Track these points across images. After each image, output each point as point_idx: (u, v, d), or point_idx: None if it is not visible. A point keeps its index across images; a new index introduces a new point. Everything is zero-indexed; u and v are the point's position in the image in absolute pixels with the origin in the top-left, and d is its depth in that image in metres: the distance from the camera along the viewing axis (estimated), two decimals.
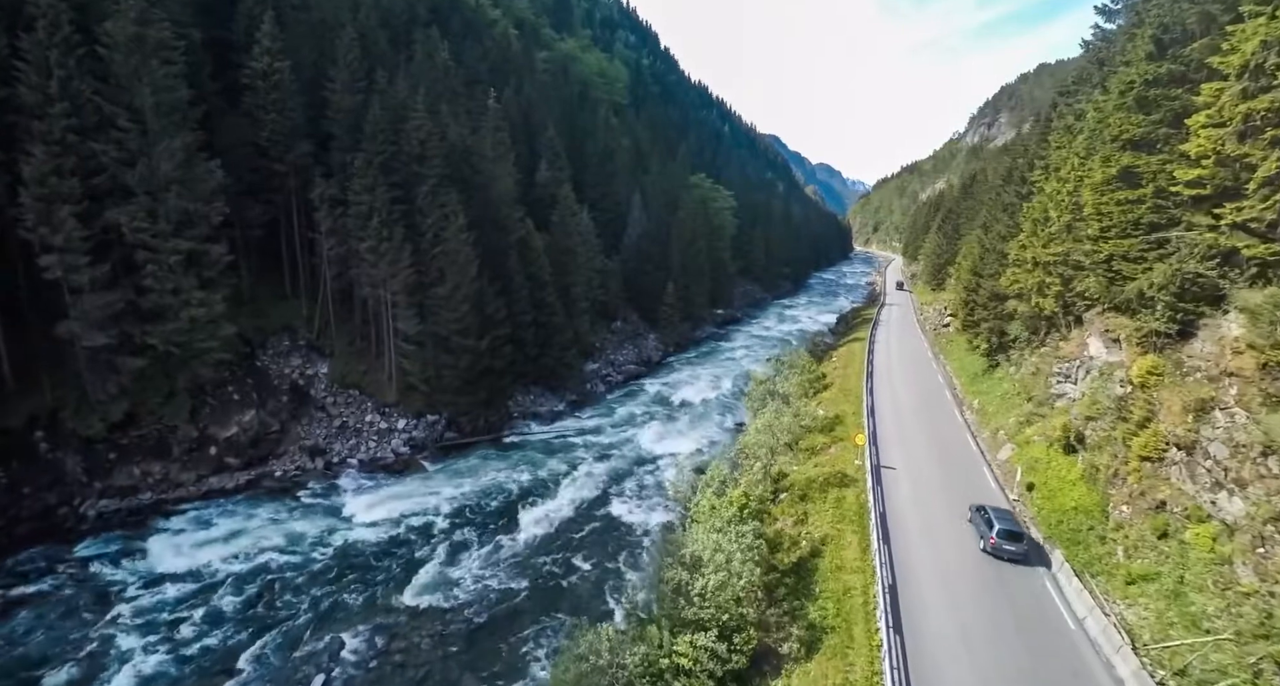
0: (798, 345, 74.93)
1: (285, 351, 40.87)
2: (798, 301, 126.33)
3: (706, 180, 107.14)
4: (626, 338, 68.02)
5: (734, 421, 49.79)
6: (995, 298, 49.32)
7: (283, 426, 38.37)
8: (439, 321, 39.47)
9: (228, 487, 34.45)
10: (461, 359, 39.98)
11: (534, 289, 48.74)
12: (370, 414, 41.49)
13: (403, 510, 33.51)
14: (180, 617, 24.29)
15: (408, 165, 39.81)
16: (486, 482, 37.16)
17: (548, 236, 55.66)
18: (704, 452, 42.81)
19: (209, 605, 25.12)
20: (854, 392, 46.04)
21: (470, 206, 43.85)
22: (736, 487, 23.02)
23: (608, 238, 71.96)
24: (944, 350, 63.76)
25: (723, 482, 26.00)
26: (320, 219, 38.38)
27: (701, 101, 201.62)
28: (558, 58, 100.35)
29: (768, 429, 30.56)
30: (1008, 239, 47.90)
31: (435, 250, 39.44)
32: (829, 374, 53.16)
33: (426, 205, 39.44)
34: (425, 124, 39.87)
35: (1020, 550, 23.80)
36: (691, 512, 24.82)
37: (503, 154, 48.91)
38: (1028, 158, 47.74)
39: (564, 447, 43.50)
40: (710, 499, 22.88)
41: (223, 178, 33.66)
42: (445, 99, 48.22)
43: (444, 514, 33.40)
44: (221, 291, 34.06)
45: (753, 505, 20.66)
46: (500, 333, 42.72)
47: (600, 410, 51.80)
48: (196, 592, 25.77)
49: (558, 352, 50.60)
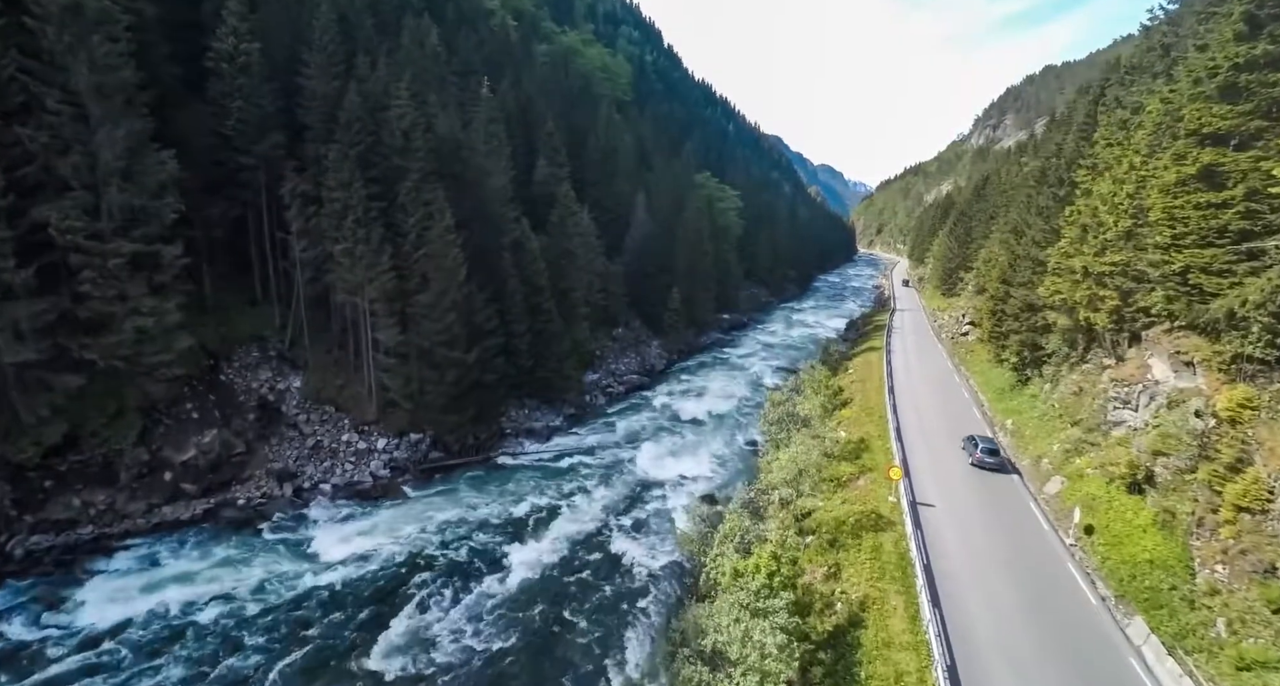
0: (811, 357, 71.33)
1: (253, 364, 37.10)
2: (804, 305, 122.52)
3: (712, 179, 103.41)
4: (628, 345, 64.28)
5: (744, 439, 46.07)
6: (1028, 308, 45.62)
7: (248, 447, 34.61)
8: (422, 332, 35.72)
9: (182, 519, 30.68)
10: (447, 373, 36.23)
11: (529, 294, 45.00)
12: (347, 433, 37.74)
13: (377, 546, 29.76)
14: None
15: (388, 158, 36.06)
16: (473, 512, 33.40)
17: (545, 237, 51.91)
18: (714, 477, 39.13)
19: (135, 671, 21.36)
20: (876, 411, 42.30)
21: (459, 205, 40.09)
22: (762, 546, 19.29)
23: (609, 239, 68.20)
24: (965, 361, 60.04)
25: (744, 536, 22.23)
26: (291, 218, 34.63)
27: (706, 100, 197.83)
28: (558, 51, 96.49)
29: (793, 465, 26.75)
30: (1043, 245, 44.20)
31: (418, 253, 35.69)
32: (846, 388, 49.42)
33: (409, 203, 35.68)
34: (408, 112, 36.11)
35: (997, 462, 32.56)
36: (707, 569, 21.14)
37: (496, 148, 45.15)
38: (1064, 157, 43.92)
39: (560, 470, 39.74)
40: (731, 559, 19.14)
41: (178, 170, 29.86)
42: (434, 88, 44.46)
43: (423, 551, 29.63)
44: (176, 298, 30.30)
45: (784, 570, 16.95)
46: (491, 343, 38.98)
47: (600, 425, 48.05)
48: (123, 657, 21.99)
49: (554, 363, 46.86)
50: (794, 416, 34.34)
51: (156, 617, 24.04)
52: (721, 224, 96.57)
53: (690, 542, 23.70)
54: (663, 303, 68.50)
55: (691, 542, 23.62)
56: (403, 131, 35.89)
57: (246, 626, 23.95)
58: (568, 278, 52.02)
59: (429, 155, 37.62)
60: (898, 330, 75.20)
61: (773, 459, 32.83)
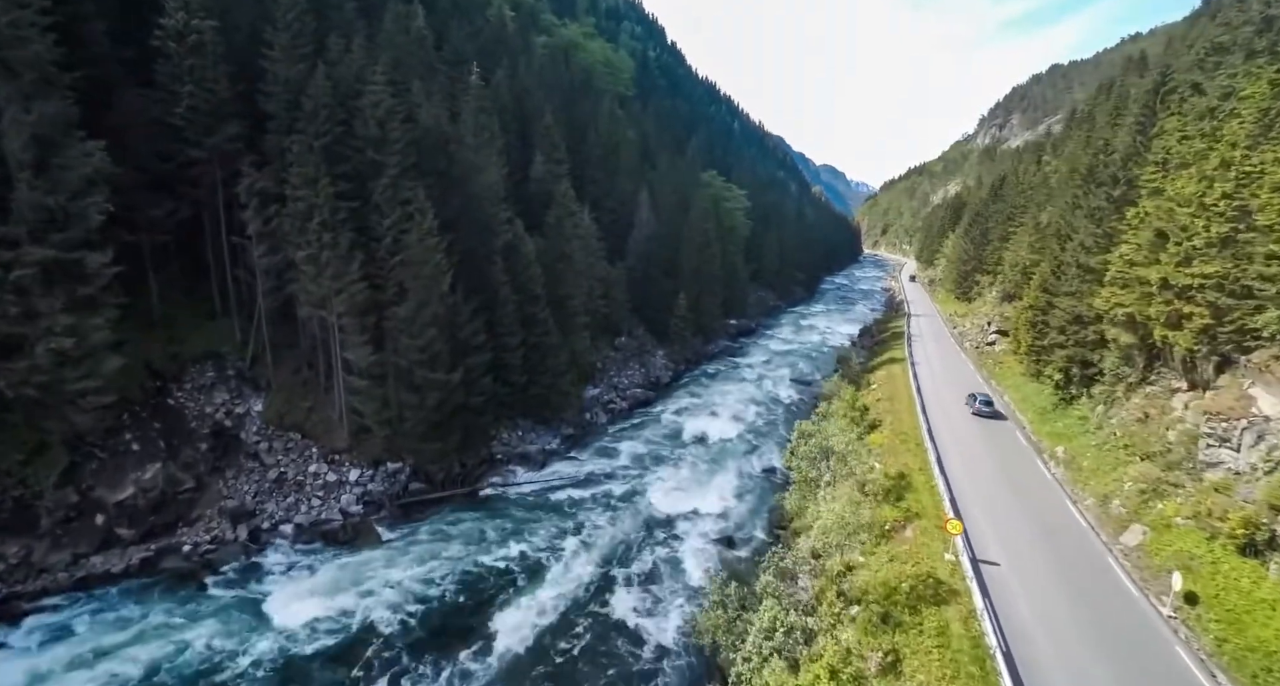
0: (825, 369, 66.81)
1: (208, 385, 32.66)
2: (813, 309, 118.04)
3: (718, 178, 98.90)
4: (632, 355, 59.82)
5: (761, 465, 41.66)
6: (1076, 320, 41.13)
7: (199, 483, 30.18)
8: (399, 349, 31.28)
9: (114, 571, 26.23)
10: (428, 396, 31.79)
11: (523, 303, 40.57)
12: (315, 463, 33.31)
13: (341, 606, 25.30)
14: None
15: (361, 152, 31.63)
16: (455, 560, 28.92)
17: (541, 240, 47.46)
18: (729, 513, 34.68)
19: None
20: (911, 437, 37.82)
21: (444, 204, 35.65)
22: (814, 658, 14.78)
23: (611, 241, 63.78)
24: (994, 374, 55.56)
25: (788, 633, 17.70)
26: (248, 219, 30.21)
27: (709, 97, 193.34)
28: (558, 45, 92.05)
29: (840, 527, 22.25)
30: (1094, 251, 39.74)
31: (394, 260, 31.26)
32: (872, 406, 44.89)
33: (384, 202, 31.24)
34: (384, 100, 31.65)
35: (992, 410, 40.21)
36: (738, 671, 16.67)
37: (487, 142, 40.70)
38: (1119, 153, 39.40)
39: (556, 504, 35.29)
40: (776, 674, 14.65)
41: (109, 164, 25.41)
42: (419, 75, 40.02)
43: (393, 615, 25.14)
44: (107, 313, 25.88)
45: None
46: (478, 361, 34.52)
47: (601, 448, 43.58)
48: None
49: (551, 379, 42.39)
50: (828, 451, 29.79)
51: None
52: (728, 224, 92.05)
53: (712, 629, 19.16)
54: (668, 309, 64.05)
55: (714, 628, 19.09)
56: (378, 121, 31.44)
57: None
58: (566, 284, 47.57)
59: (409, 148, 33.18)
60: (917, 338, 70.70)
61: (806, 506, 28.28)
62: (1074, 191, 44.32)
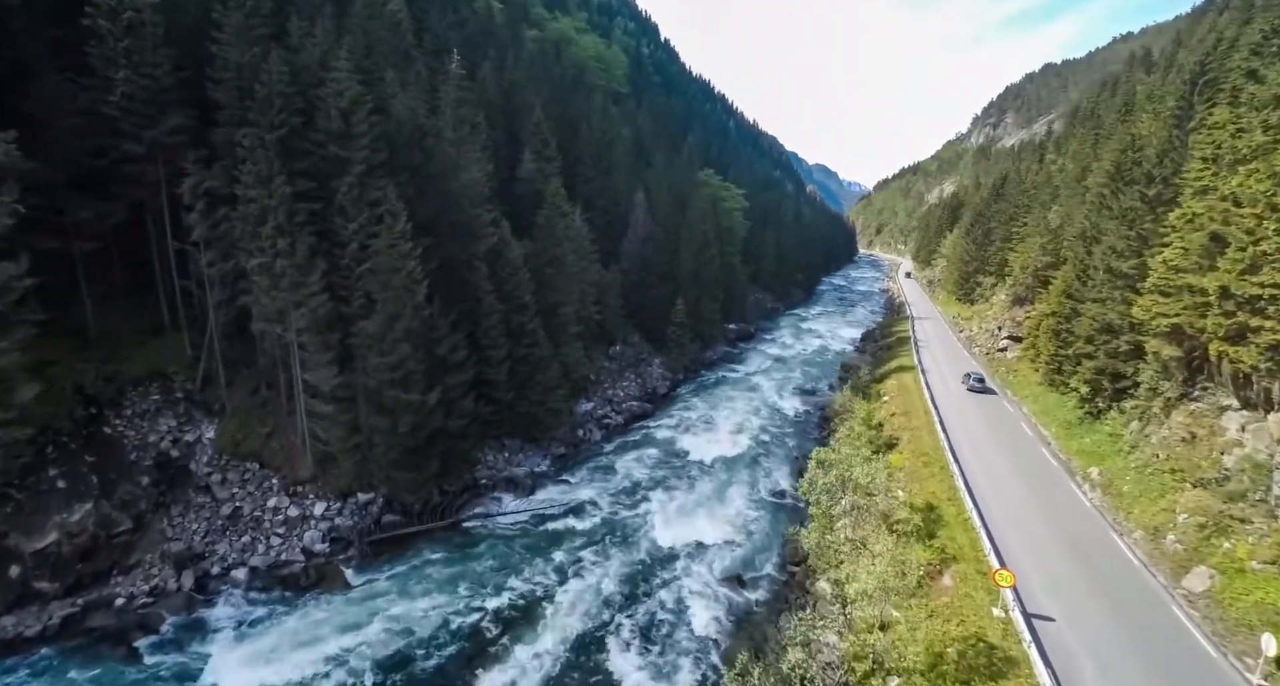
0: (830, 377, 63.70)
1: (152, 410, 29.02)
2: (811, 312, 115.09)
3: (715, 177, 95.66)
4: (627, 364, 56.47)
5: (768, 488, 38.45)
6: (1106, 330, 38.19)
7: (139, 523, 26.57)
8: (367, 369, 27.79)
9: (29, 634, 22.61)
10: (401, 420, 28.31)
11: (509, 313, 37.15)
12: (275, 496, 29.74)
13: (295, 673, 21.85)
14: None
15: (323, 147, 28.09)
16: (430, 610, 25.45)
17: (530, 243, 44.05)
18: (737, 545, 31.43)
19: None
20: (934, 458, 34.72)
21: (420, 206, 32.20)
22: None
23: (605, 244, 60.41)
24: (1008, 383, 52.63)
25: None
26: (193, 223, 26.63)
27: (704, 95, 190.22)
28: (549, 39, 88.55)
29: (882, 592, 19.01)
30: (1127, 255, 36.80)
31: (361, 268, 27.76)
32: (886, 421, 41.78)
33: (350, 203, 27.73)
34: (350, 88, 28.11)
35: (983, 386, 46.84)
36: None
37: (469, 136, 37.21)
38: (1155, 149, 36.45)
39: (547, 536, 31.91)
40: None
41: (18, 157, 21.78)
42: (393, 63, 36.49)
43: (357, 679, 21.72)
44: (19, 332, 22.23)
45: None
46: (458, 379, 31.08)
47: (595, 469, 40.21)
48: None
49: (540, 395, 38.98)
50: (849, 482, 26.57)
51: None
52: (726, 225, 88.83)
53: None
54: (665, 315, 60.72)
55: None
56: (341, 112, 27.91)
57: None
58: (556, 290, 44.17)
59: (378, 143, 29.69)
60: (924, 345, 67.68)
61: (828, 548, 25.00)
62: (1099, 191, 41.30)
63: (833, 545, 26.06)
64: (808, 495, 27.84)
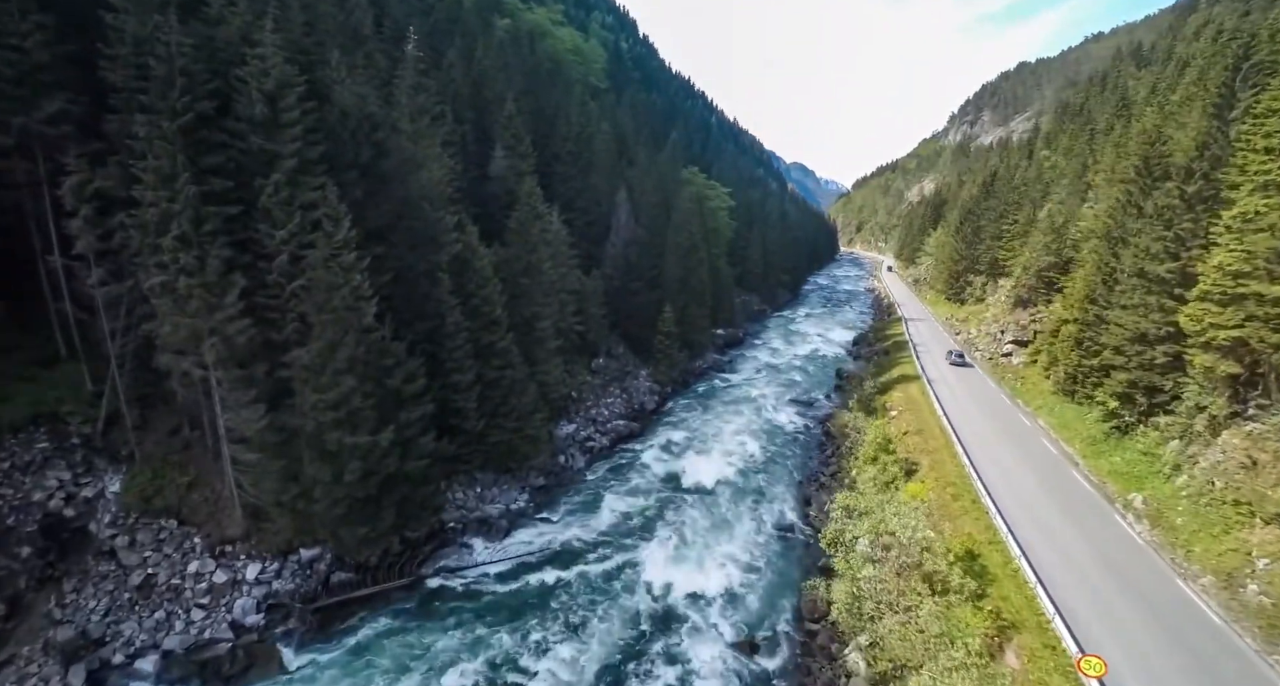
0: (832, 390, 59.96)
1: (38, 460, 23.81)
2: (799, 313, 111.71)
3: (699, 175, 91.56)
4: (612, 379, 52.04)
5: (774, 521, 34.43)
6: (1140, 339, 34.86)
7: (15, 606, 21.46)
8: (303, 408, 22.99)
9: None
10: (348, 467, 23.57)
11: (477, 331, 32.52)
12: (198, 558, 24.74)
13: None
14: None
15: (243, 138, 23.20)
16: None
17: (502, 249, 39.39)
18: (745, 596, 27.27)
19: None
20: (960, 487, 31.01)
21: (369, 208, 27.45)
22: None
23: (585, 247, 55.95)
24: (1018, 393, 49.50)
25: None
26: (78, 231, 21.57)
27: (685, 92, 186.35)
28: (523, 29, 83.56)
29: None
30: (1163, 258, 33.49)
31: (293, 285, 22.94)
32: (898, 440, 38.04)
33: (277, 206, 22.88)
34: (277, 67, 23.23)
35: (963, 361, 56.63)
36: None
37: (430, 129, 32.42)
38: (1194, 140, 33.13)
39: (524, 592, 27.40)
40: None
41: None
42: (339, 44, 31.55)
43: None
44: None
45: None
46: (416, 414, 26.37)
47: (579, 503, 35.78)
48: None
49: (515, 422, 34.40)
50: (888, 536, 22.49)
51: None
52: (712, 226, 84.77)
53: None
54: (651, 323, 56.39)
55: None
56: (266, 95, 23.02)
57: None
58: (532, 301, 39.57)
59: (316, 135, 24.84)
60: (923, 349, 64.36)
61: (866, 620, 20.89)
62: (1125, 188, 37.97)
63: (860, 598, 22.04)
64: (832, 549, 23.72)
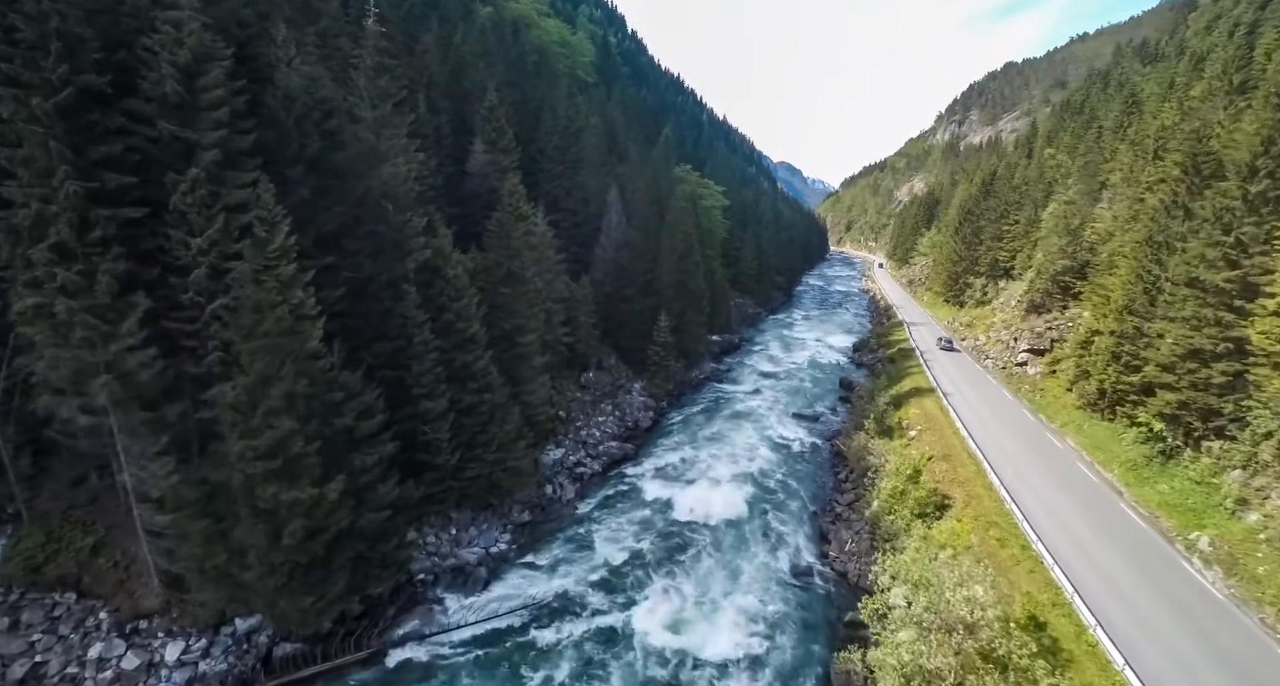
0: (840, 404, 56.05)
1: None
2: (794, 316, 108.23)
3: (693, 173, 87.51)
4: (603, 394, 47.84)
5: (788, 562, 30.58)
6: (1192, 356, 31.40)
7: None
8: (229, 458, 18.57)
9: None
10: (285, 525, 19.19)
11: (450, 351, 28.17)
12: (102, 640, 20.20)
13: None
14: None
15: (148, 123, 18.73)
16: None
17: (480, 255, 35.07)
18: (764, 659, 23.26)
19: None
20: (1008, 532, 27.25)
21: (316, 210, 23.03)
22: None
23: (574, 250, 51.76)
24: (1040, 407, 46.10)
25: None
26: None
27: (675, 88, 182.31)
28: (506, 18, 78.97)
29: None
30: (1220, 266, 30.05)
31: (214, 305, 18.49)
32: (924, 468, 34.25)
33: (193, 208, 18.43)
34: (195, 35, 18.76)
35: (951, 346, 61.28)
36: None
37: (394, 116, 27.97)
38: (1255, 133, 29.68)
39: (506, 660, 23.17)
40: None
41: None
42: (285, 16, 27.02)
43: None
44: None
45: None
46: (371, 457, 22.01)
47: (568, 543, 31.57)
48: None
49: (496, 453, 30.13)
50: (939, 609, 18.61)
51: None
52: (706, 226, 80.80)
53: None
54: (645, 332, 52.32)
55: None
56: (180, 70, 18.56)
57: None
58: (515, 314, 35.26)
59: (248, 122, 20.38)
60: (931, 359, 60.86)
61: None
62: (1172, 189, 34.47)
63: (907, 676, 18.12)
64: (872, 622, 19.78)
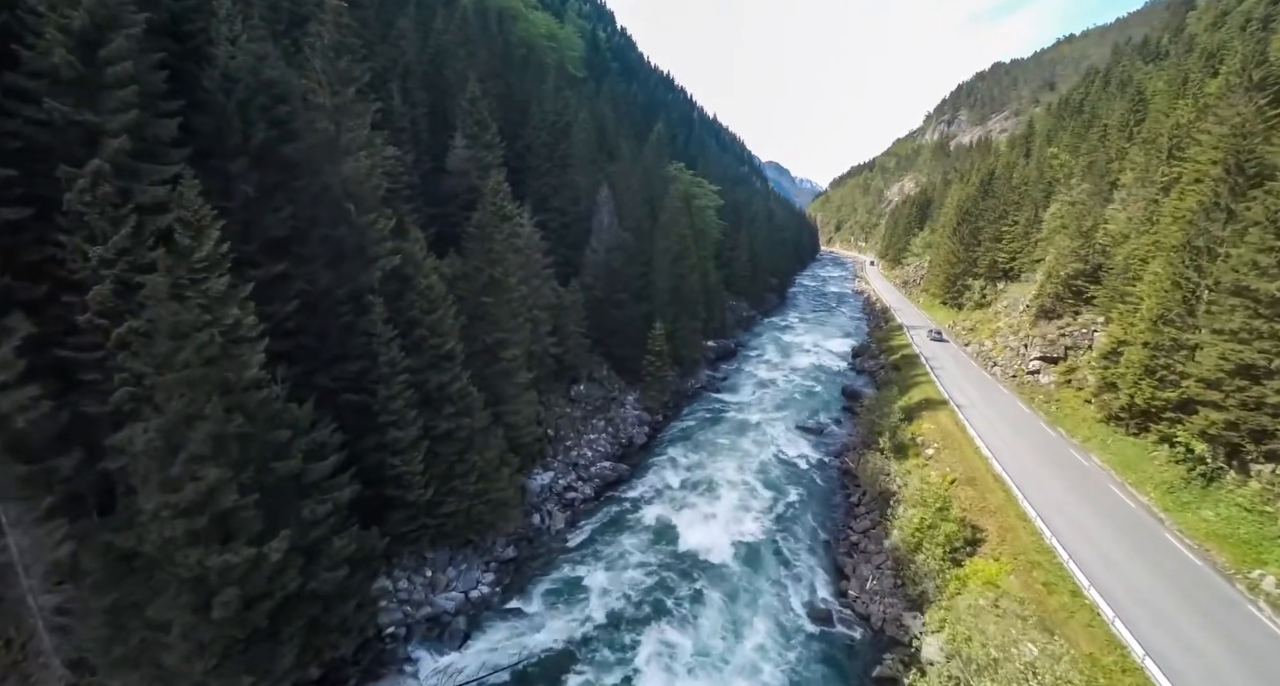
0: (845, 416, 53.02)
1: None
2: (789, 319, 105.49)
3: (686, 172, 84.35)
4: (595, 408, 44.49)
5: (802, 600, 27.54)
6: (1241, 371, 28.73)
7: None
8: (139, 517, 15.05)
9: None
10: (216, 594, 15.71)
11: (423, 371, 24.71)
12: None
13: None
14: None
15: (34, 102, 15.16)
16: None
17: (458, 261, 31.61)
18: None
19: None
20: (1053, 574, 24.36)
21: (265, 212, 19.50)
22: None
23: (562, 253, 48.39)
24: (1058, 421, 43.56)
25: None
26: None
27: (666, 85, 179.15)
28: (491, 7, 75.26)
29: None
30: (1273, 274, 27.39)
31: (121, 329, 14.96)
32: (948, 494, 31.34)
33: (93, 209, 14.87)
34: None
35: (941, 337, 66.34)
36: None
37: (353, 104, 24.41)
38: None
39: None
40: None
41: None
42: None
43: None
44: None
45: None
46: (323, 506, 18.53)
47: (558, 584, 28.20)
48: None
49: (476, 483, 26.72)
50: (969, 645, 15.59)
51: None
52: (700, 227, 77.69)
53: None
54: (639, 341, 49.09)
55: None
56: (75, 37, 15.01)
57: None
58: (497, 325, 31.84)
59: (171, 103, 16.84)
60: (939, 367, 58.19)
61: None
62: (1214, 188, 31.81)
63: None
64: None
